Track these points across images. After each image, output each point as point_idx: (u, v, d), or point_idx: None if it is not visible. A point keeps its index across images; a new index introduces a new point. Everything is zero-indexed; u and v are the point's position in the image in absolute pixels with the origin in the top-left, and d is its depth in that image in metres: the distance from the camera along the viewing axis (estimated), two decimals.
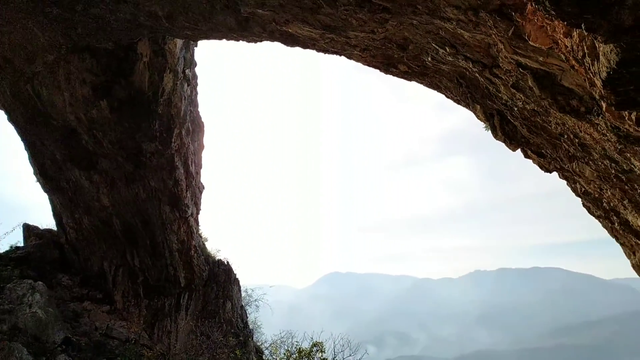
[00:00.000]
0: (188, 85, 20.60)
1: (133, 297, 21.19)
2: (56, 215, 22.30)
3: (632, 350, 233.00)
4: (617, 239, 13.70)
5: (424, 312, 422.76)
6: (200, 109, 23.13)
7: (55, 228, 23.14)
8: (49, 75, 16.80)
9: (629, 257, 13.86)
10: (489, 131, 15.82)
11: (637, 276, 14.45)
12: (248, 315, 26.10)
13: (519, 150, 14.92)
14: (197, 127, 22.62)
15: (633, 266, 13.91)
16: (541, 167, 14.02)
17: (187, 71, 20.07)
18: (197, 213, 23.91)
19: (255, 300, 27.38)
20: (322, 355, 18.02)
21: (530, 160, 14.84)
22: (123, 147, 19.13)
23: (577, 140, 10.37)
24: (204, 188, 24.90)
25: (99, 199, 20.59)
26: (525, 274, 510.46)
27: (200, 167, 24.24)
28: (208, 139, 26.52)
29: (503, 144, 15.12)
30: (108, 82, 17.25)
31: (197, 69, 21.97)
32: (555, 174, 14.38)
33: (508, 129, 13.85)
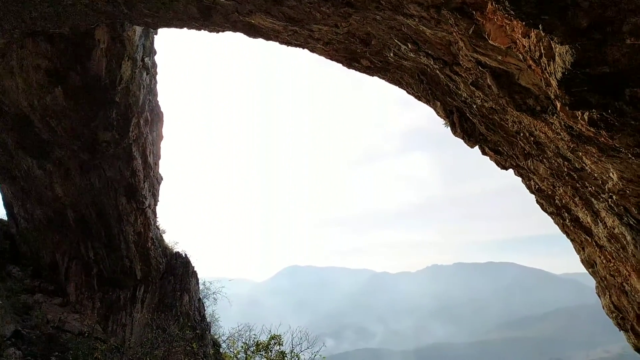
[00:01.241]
0: (147, 74, 20.14)
1: (87, 290, 20.67)
2: (7, 205, 21.52)
3: (579, 342, 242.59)
4: (568, 235, 14.19)
5: (382, 306, 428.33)
6: (160, 98, 22.67)
7: (5, 218, 22.34)
8: (0, 59, 16.14)
9: (578, 252, 14.37)
10: (449, 128, 16.10)
11: (585, 271, 15.02)
12: (206, 308, 25.83)
13: (477, 147, 15.24)
14: (156, 117, 22.17)
15: (582, 261, 14.43)
16: (498, 164, 14.36)
17: (146, 59, 19.61)
18: (155, 204, 23.48)
19: (214, 293, 27.12)
20: (279, 348, 18.05)
21: (488, 157, 15.16)
22: (78, 136, 18.59)
23: (532, 139, 10.65)
24: (162, 179, 24.46)
25: (52, 189, 19.96)
26: (480, 268, 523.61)
27: (159, 158, 23.80)
28: (168, 129, 26.05)
29: (462, 141, 15.40)
30: (64, 69, 16.70)
31: (157, 58, 21.50)
32: (511, 171, 14.75)
33: (467, 126, 14.12)
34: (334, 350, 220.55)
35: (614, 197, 9.05)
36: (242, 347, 18.36)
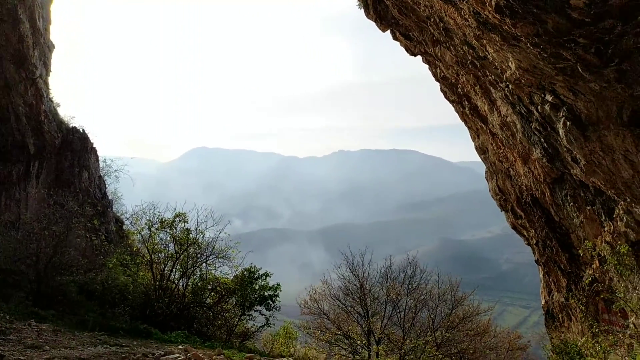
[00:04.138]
0: None
1: None
2: None
3: (468, 224, 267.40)
4: (466, 123, 14.90)
5: (290, 189, 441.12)
6: None
7: None
8: None
9: (473, 139, 15.22)
10: (363, 10, 15.71)
11: (479, 160, 16.06)
12: (107, 186, 25.13)
13: (389, 32, 15.10)
14: None
15: (476, 148, 15.34)
16: (407, 50, 14.42)
17: None
18: (47, 75, 21.61)
19: (115, 171, 26.28)
20: (184, 226, 18.18)
21: (399, 43, 15.12)
22: None
23: (442, 25, 10.67)
24: (54, 47, 22.35)
25: None
26: (384, 155, 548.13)
27: (50, 23, 21.55)
28: None
29: (375, 25, 15.15)
30: None
31: None
32: (419, 58, 14.90)
33: (380, 8, 13.85)
34: (241, 230, 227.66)
35: (510, 86, 9.45)
36: (146, 224, 18.29)
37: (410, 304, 20.46)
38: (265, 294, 17.89)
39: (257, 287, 17.90)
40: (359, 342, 19.77)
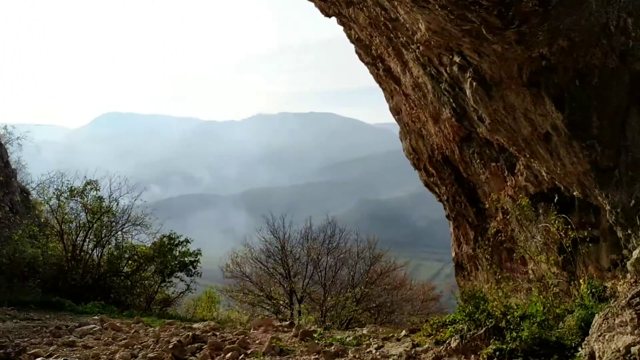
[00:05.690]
0: None
1: None
2: None
3: (386, 184, 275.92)
4: (381, 85, 15.16)
5: (210, 154, 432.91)
6: None
7: None
8: None
9: (388, 101, 15.55)
10: None
11: (394, 121, 16.47)
12: (10, 154, 23.49)
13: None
14: None
15: (390, 109, 15.70)
16: (322, 11, 14.32)
17: None
18: None
19: (18, 138, 24.56)
20: (96, 194, 17.49)
21: (313, 4, 14.96)
22: None
23: None
24: None
25: None
26: (303, 118, 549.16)
27: None
28: None
29: None
30: None
31: None
32: (334, 19, 14.86)
33: None
34: (160, 197, 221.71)
35: (420, 48, 9.69)
36: (54, 193, 17.41)
37: (331, 262, 21.08)
38: (186, 260, 17.73)
39: (177, 253, 17.69)
40: (281, 302, 20.18)
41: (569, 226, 8.36)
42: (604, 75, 7.63)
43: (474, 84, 8.67)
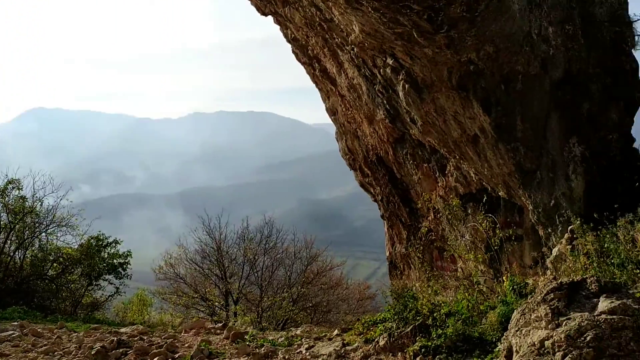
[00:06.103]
0: None
1: None
2: None
3: (324, 183, 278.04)
4: (317, 85, 15.22)
5: (144, 152, 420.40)
6: None
7: None
8: None
9: (324, 101, 15.63)
10: None
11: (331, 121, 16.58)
12: None
13: None
14: None
15: (327, 110, 15.79)
16: (258, 9, 14.21)
17: None
18: None
19: None
20: (19, 193, 16.58)
21: (249, 2, 14.81)
22: None
23: None
24: None
25: None
26: (241, 117, 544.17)
27: None
28: None
29: None
30: None
31: None
32: (270, 18, 14.78)
33: None
34: (90, 196, 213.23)
35: (355, 49, 9.80)
36: None
37: (268, 263, 20.91)
38: (115, 262, 17.12)
39: (105, 255, 17.03)
40: (217, 303, 19.84)
41: (496, 225, 8.69)
42: (527, 81, 7.98)
43: (407, 86, 8.84)
